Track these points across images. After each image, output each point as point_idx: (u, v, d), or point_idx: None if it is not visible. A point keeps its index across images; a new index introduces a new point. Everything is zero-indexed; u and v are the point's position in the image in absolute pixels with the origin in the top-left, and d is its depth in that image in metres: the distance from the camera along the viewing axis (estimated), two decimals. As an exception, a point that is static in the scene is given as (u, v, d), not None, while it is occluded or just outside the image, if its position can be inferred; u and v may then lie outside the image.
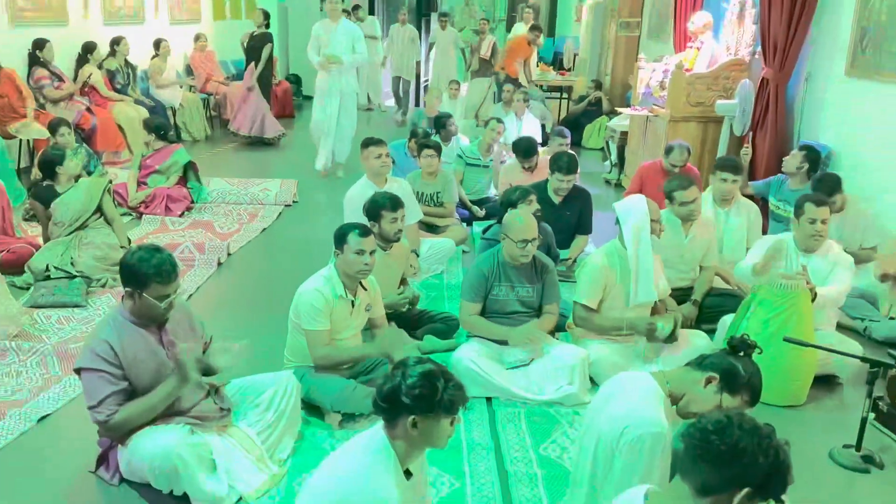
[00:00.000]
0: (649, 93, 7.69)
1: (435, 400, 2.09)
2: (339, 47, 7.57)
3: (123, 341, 2.74)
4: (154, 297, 2.75)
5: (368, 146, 5.01)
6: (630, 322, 3.73)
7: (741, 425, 1.74)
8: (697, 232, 4.40)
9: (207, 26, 11.39)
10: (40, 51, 7.47)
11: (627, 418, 2.31)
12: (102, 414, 2.69)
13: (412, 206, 5.13)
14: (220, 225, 6.21)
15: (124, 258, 2.82)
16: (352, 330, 3.49)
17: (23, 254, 4.89)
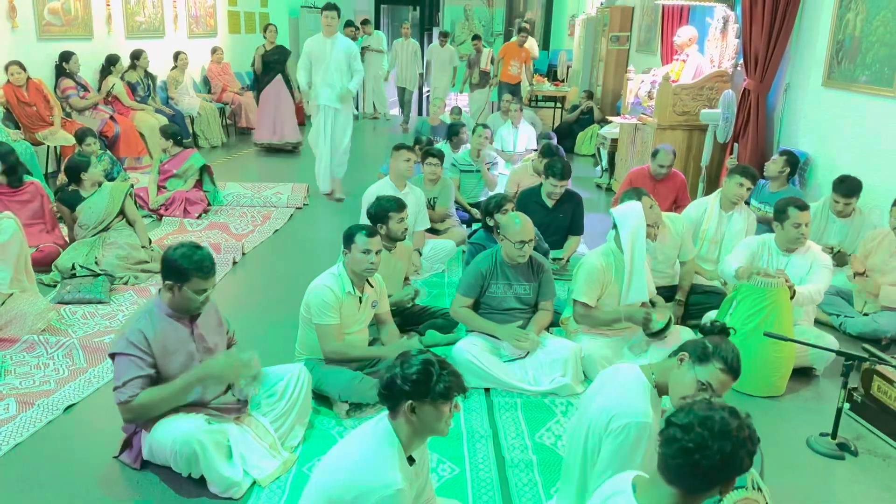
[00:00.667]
0: (638, 102, 7.69)
1: (430, 385, 2.09)
2: (335, 66, 6.78)
3: (157, 331, 2.75)
4: (193, 291, 2.76)
5: (400, 150, 5.18)
6: (627, 313, 3.73)
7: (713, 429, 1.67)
8: (661, 235, 4.37)
9: (223, 40, 11.40)
10: (66, 63, 7.50)
11: (614, 408, 2.31)
12: (124, 394, 2.69)
13: (422, 214, 5.21)
14: (235, 226, 6.22)
15: (167, 253, 2.82)
16: (359, 324, 3.50)
17: (50, 253, 4.90)
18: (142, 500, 2.74)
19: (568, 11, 15.11)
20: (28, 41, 7.16)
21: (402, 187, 5.05)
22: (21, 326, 3.91)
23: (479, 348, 3.66)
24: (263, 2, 12.96)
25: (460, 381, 2.17)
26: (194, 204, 6.40)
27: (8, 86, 6.74)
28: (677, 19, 7.98)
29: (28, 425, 3.17)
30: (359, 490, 2.05)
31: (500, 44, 13.70)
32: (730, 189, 4.72)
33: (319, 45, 6.81)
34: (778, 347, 3.58)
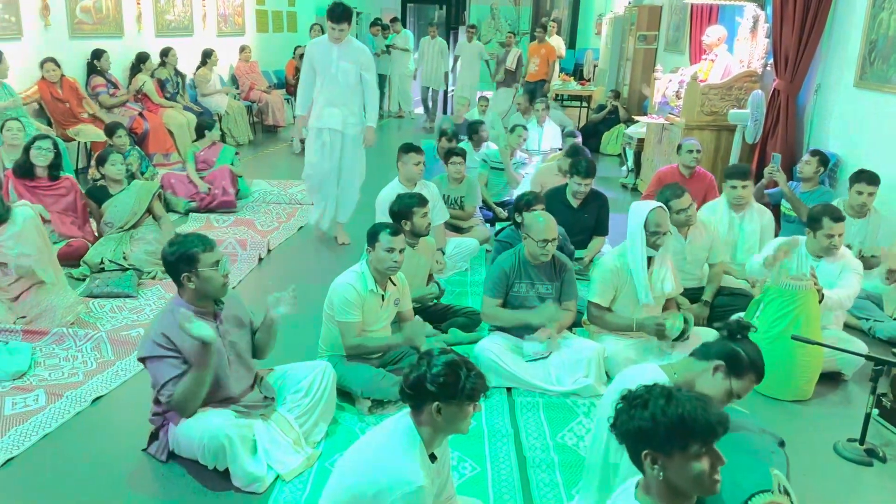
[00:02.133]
0: (665, 102, 7.63)
1: (458, 388, 2.10)
2: (342, 79, 5.40)
3: (180, 332, 2.72)
4: (209, 268, 2.77)
5: (409, 152, 5.02)
6: (639, 322, 3.70)
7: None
8: (694, 235, 4.35)
9: (251, 38, 11.50)
10: (98, 60, 7.63)
11: None
12: (164, 396, 2.74)
13: (439, 206, 5.15)
14: (260, 223, 6.27)
15: (163, 256, 2.83)
16: (382, 322, 3.51)
17: (79, 247, 4.98)
18: (167, 492, 2.79)
19: (595, 10, 15.03)
20: (60, 39, 7.29)
21: (411, 188, 4.96)
22: (51, 319, 3.98)
23: (501, 347, 3.66)
24: (291, 1, 13.04)
25: (485, 381, 2.18)
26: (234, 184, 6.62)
27: (43, 82, 6.87)
28: (706, 18, 7.90)
29: (57, 416, 3.23)
30: (381, 486, 2.07)
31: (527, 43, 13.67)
32: (727, 193, 4.71)
33: (323, 51, 5.39)
34: (805, 351, 3.53)
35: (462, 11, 16.60)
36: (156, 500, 2.75)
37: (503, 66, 11.62)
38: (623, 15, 11.18)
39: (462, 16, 16.46)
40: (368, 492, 2.09)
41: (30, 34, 6.86)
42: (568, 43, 15.55)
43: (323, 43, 5.40)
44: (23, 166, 4.93)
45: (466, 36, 12.13)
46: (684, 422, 1.69)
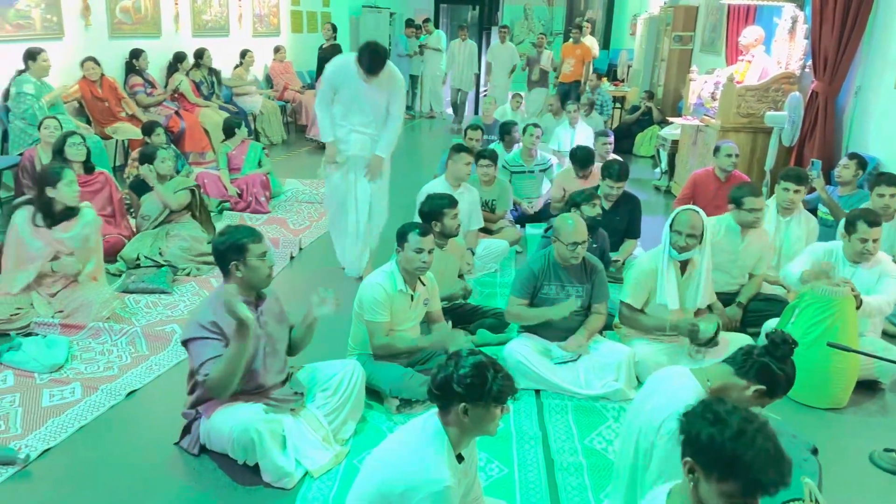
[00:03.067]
0: (700, 103, 7.55)
1: (485, 389, 2.11)
2: (372, 106, 4.76)
3: (226, 316, 2.79)
4: (256, 258, 2.85)
5: (461, 152, 5.08)
6: (673, 323, 3.66)
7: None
8: (753, 239, 4.30)
9: (286, 39, 11.62)
10: (136, 60, 7.78)
11: (665, 410, 2.28)
12: (201, 375, 2.78)
13: (476, 213, 5.21)
14: (293, 222, 6.34)
15: (215, 244, 2.91)
16: (411, 322, 3.53)
17: (115, 243, 5.07)
18: (199, 485, 2.83)
19: (630, 10, 14.90)
20: (100, 39, 7.44)
21: (456, 188, 5.04)
22: (87, 314, 4.07)
23: (529, 349, 3.65)
24: (325, 1, 13.15)
25: (512, 383, 2.18)
26: (266, 190, 6.68)
27: (84, 81, 7.03)
28: (743, 19, 7.80)
29: (92, 409, 3.30)
30: (408, 485, 2.08)
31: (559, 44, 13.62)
32: (779, 195, 4.62)
33: (349, 74, 4.69)
34: (841, 358, 3.46)
35: (495, 12, 16.57)
36: (187, 492, 2.80)
37: (538, 66, 11.58)
38: (658, 15, 11.08)
39: (495, 16, 16.44)
40: (395, 490, 2.10)
41: (71, 34, 7.02)
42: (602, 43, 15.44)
43: (350, 66, 4.67)
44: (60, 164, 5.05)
45: (499, 37, 12.12)
46: (736, 464, 1.67)
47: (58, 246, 4.10)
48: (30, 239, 4.04)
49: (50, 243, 4.09)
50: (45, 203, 4.07)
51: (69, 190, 4.05)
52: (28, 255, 4.06)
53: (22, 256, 4.06)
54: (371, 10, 13.77)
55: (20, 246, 4.05)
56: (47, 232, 4.08)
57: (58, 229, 4.11)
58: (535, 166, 6.47)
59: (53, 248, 4.09)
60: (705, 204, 4.75)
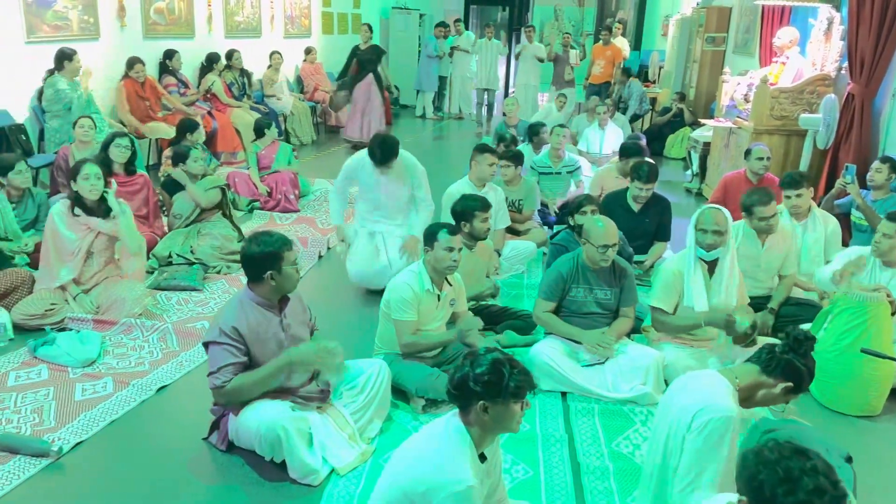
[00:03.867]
0: (733, 105, 7.46)
1: (502, 385, 2.10)
2: (392, 199, 4.75)
3: (249, 321, 2.86)
4: (290, 266, 2.89)
5: (484, 152, 5.08)
6: (708, 317, 3.60)
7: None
8: (773, 242, 4.24)
9: (316, 40, 11.71)
10: (170, 60, 7.90)
11: (697, 405, 2.27)
12: (219, 379, 2.81)
13: (502, 212, 5.20)
14: (321, 221, 6.39)
15: (247, 252, 2.91)
16: (437, 322, 3.54)
17: (149, 241, 5.14)
18: (226, 480, 2.87)
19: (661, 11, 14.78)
20: (135, 39, 7.57)
21: (480, 188, 5.02)
22: (120, 310, 4.14)
23: (556, 351, 3.63)
24: (356, 3, 13.23)
25: (530, 378, 2.17)
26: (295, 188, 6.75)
27: (128, 80, 7.18)
28: (778, 20, 7.69)
29: (123, 404, 3.36)
30: (430, 485, 2.08)
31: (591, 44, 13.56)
32: (783, 203, 4.55)
33: (365, 168, 4.72)
34: (875, 365, 3.40)
35: (525, 12, 16.55)
36: (215, 487, 2.84)
37: (567, 66, 11.52)
38: (691, 16, 10.98)
39: (525, 17, 16.42)
40: (418, 489, 2.11)
41: (106, 35, 7.16)
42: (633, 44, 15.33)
43: (365, 161, 4.68)
44: (102, 163, 5.15)
45: (526, 36, 12.09)
46: None
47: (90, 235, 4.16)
48: (65, 231, 4.13)
49: (84, 235, 4.16)
50: (77, 196, 4.16)
51: (87, 184, 4.12)
52: (65, 249, 4.14)
53: (60, 250, 4.14)
54: (400, 12, 13.84)
55: (57, 239, 4.14)
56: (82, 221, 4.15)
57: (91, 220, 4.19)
58: (563, 168, 6.43)
59: (87, 239, 4.15)
60: (736, 207, 4.68)
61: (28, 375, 3.58)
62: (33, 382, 3.52)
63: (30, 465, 2.87)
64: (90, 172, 4.12)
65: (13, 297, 4.09)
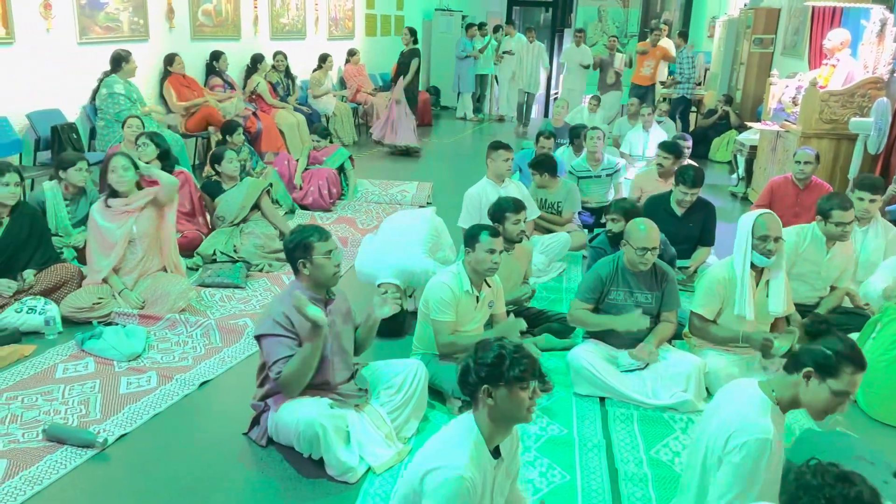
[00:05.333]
0: (781, 108, 7.31)
1: (502, 368, 2.08)
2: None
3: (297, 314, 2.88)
4: (322, 256, 2.92)
5: (498, 149, 5.09)
6: (746, 335, 3.53)
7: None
8: (838, 251, 4.13)
9: (360, 42, 11.80)
10: (216, 61, 8.05)
11: (732, 426, 2.22)
12: (273, 372, 2.87)
13: (530, 204, 5.16)
14: (361, 221, 6.44)
15: (285, 243, 3.02)
16: (475, 323, 3.54)
17: (194, 239, 5.26)
18: (265, 475, 2.91)
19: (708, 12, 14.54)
20: (183, 41, 7.73)
21: (500, 185, 5.04)
22: (164, 304, 4.23)
23: (595, 356, 3.60)
24: (399, 4, 13.30)
25: (536, 365, 2.14)
26: (333, 186, 6.78)
27: (172, 76, 7.39)
28: (828, 21, 7.51)
29: (167, 398, 3.43)
30: (425, 471, 2.08)
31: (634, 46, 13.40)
32: (857, 204, 4.41)
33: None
34: (926, 377, 3.29)
35: (568, 14, 16.43)
36: (254, 482, 2.88)
37: (611, 69, 11.41)
38: (738, 17, 10.78)
39: (568, 18, 16.30)
40: (417, 477, 2.11)
41: (155, 36, 7.32)
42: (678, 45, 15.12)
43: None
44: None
45: (574, 41, 12.00)
46: None
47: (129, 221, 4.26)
48: (104, 223, 4.24)
49: (122, 223, 4.25)
50: (111, 190, 4.30)
51: (114, 176, 4.24)
52: (106, 241, 4.25)
53: (101, 243, 4.25)
54: (443, 14, 13.86)
55: (97, 233, 4.25)
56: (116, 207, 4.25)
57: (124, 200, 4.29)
58: (602, 170, 6.36)
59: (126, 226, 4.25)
60: (783, 212, 4.59)
61: (76, 368, 3.68)
62: (80, 375, 3.62)
63: (76, 455, 2.95)
64: (117, 164, 4.24)
65: (62, 291, 4.21)
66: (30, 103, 5.94)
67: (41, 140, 5.94)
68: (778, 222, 3.53)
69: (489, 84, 13.21)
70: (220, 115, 7.44)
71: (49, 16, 6.01)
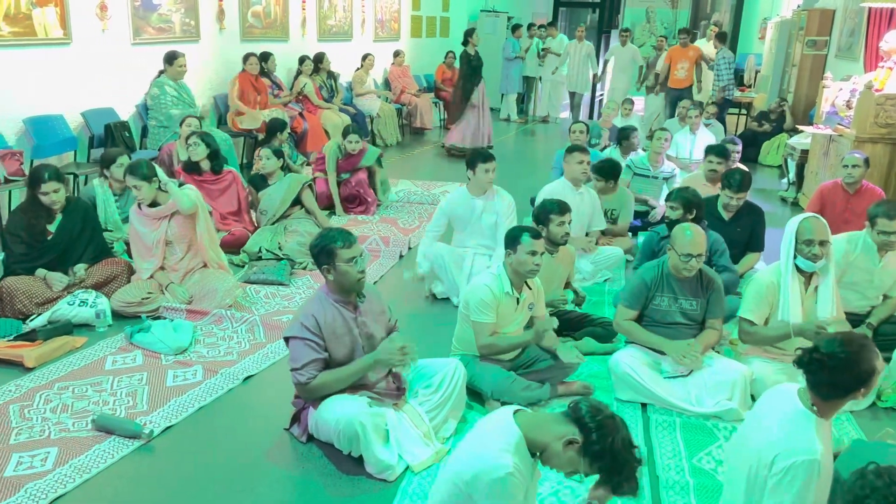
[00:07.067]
0: (834, 112, 7.12)
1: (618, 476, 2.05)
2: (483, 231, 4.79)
3: (326, 316, 2.94)
4: (344, 263, 2.91)
5: (573, 152, 5.11)
6: (798, 327, 3.43)
7: None
8: (892, 259, 4.01)
9: (405, 43, 11.87)
10: (265, 62, 8.17)
11: (777, 446, 2.17)
12: (304, 376, 2.89)
13: (598, 215, 5.23)
14: (403, 222, 6.47)
15: (310, 246, 3.03)
16: (515, 325, 3.52)
17: (240, 236, 5.36)
18: (305, 470, 2.94)
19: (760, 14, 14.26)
20: (233, 42, 7.88)
21: (577, 188, 5.06)
22: (211, 300, 4.31)
23: (637, 361, 3.54)
24: (445, 6, 13.33)
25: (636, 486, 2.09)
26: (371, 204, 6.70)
27: (244, 73, 7.58)
28: (885, 23, 7.29)
29: (211, 391, 3.49)
30: (472, 473, 2.07)
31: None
32: None
33: (465, 206, 4.80)
34: None
35: (615, 14, 16.26)
36: (294, 477, 2.91)
37: (653, 71, 11.27)
38: (791, 19, 10.54)
39: (615, 19, 16.13)
40: (463, 479, 2.10)
41: (206, 37, 7.47)
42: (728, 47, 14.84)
43: (464, 197, 4.81)
44: (189, 162, 5.42)
45: (620, 40, 11.87)
46: None
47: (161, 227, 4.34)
48: (140, 227, 4.36)
49: (155, 228, 4.34)
50: None
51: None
52: (143, 245, 4.38)
53: (140, 248, 4.40)
54: (488, 15, 13.84)
55: (136, 237, 4.40)
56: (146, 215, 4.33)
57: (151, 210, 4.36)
58: (660, 173, 6.30)
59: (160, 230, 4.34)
60: (833, 218, 4.45)
61: (124, 360, 3.77)
62: (129, 367, 3.71)
63: (123, 445, 3.02)
64: (130, 184, 4.27)
65: (112, 285, 4.32)
66: (85, 102, 6.12)
67: (95, 138, 6.11)
68: (824, 226, 3.44)
69: (534, 85, 13.15)
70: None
71: (105, 17, 6.18)
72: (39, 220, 4.21)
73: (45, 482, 2.76)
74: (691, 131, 7.88)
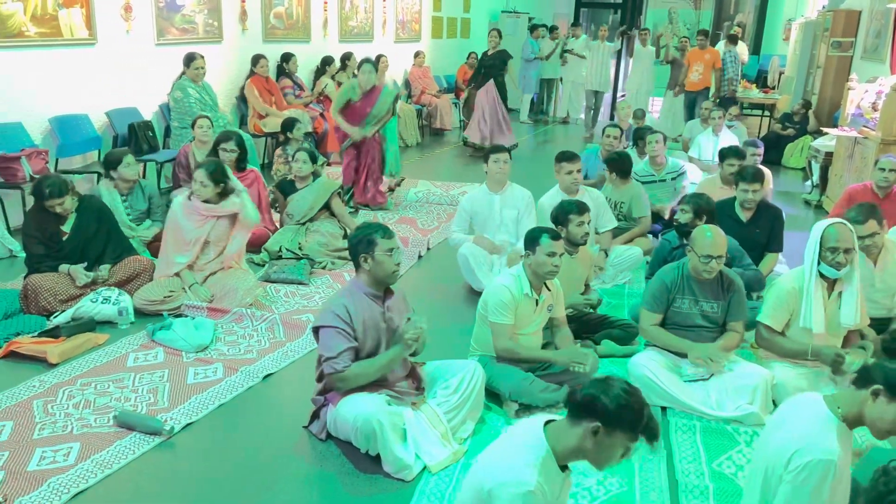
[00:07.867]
0: (860, 114, 7.03)
1: (636, 419, 2.00)
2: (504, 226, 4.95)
3: (356, 307, 2.98)
4: (384, 252, 2.97)
5: (561, 161, 4.98)
6: (816, 349, 3.40)
7: None
8: (886, 261, 3.94)
9: (426, 44, 11.89)
10: (287, 63, 8.23)
11: (795, 444, 2.14)
12: (340, 364, 2.91)
13: (607, 214, 5.12)
14: (422, 222, 6.48)
15: (350, 239, 3.09)
16: (534, 326, 3.51)
17: (261, 235, 5.39)
18: (324, 468, 2.96)
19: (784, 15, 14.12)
20: (255, 43, 7.94)
21: (573, 196, 4.86)
22: (232, 299, 4.34)
23: (657, 364, 3.52)
24: (466, 7, 13.34)
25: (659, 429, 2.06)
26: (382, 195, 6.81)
27: (256, 77, 7.62)
28: (914, 23, 7.18)
29: (231, 389, 3.52)
30: (493, 484, 2.05)
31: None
32: None
33: (484, 202, 4.97)
34: None
35: (637, 15, 16.18)
36: (312, 474, 2.93)
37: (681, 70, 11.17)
38: (815, 20, 10.43)
39: (637, 20, 16.06)
40: (484, 488, 2.08)
41: (229, 38, 7.54)
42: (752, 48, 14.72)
43: (482, 194, 4.97)
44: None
45: (640, 40, 11.81)
46: None
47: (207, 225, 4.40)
48: (183, 221, 4.39)
49: (201, 225, 4.39)
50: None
51: (196, 185, 4.36)
52: (183, 239, 4.40)
53: (178, 240, 4.41)
54: (510, 16, 13.83)
55: (176, 230, 4.41)
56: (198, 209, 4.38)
57: (206, 206, 4.42)
58: (666, 174, 6.23)
59: (204, 228, 4.39)
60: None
61: (146, 357, 3.81)
62: (150, 364, 3.75)
63: (144, 442, 3.05)
64: (197, 178, 4.36)
65: (135, 283, 4.37)
66: (109, 102, 6.20)
67: (119, 137, 6.19)
68: (850, 232, 3.38)
69: (555, 86, 13.11)
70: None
71: (129, 18, 6.26)
72: (50, 224, 4.27)
73: (68, 477, 2.80)
74: (714, 133, 7.81)
